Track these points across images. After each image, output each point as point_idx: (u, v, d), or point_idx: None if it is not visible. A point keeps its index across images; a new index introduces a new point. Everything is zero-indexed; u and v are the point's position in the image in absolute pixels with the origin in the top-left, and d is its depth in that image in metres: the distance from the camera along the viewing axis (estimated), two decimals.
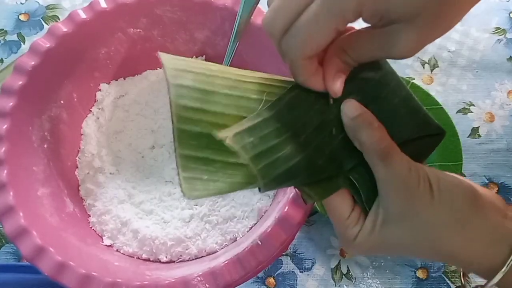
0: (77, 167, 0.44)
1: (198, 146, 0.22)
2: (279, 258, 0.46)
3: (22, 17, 0.58)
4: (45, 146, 0.40)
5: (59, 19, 0.58)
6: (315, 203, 0.43)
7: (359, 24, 0.24)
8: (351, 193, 0.27)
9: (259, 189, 0.24)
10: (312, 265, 0.46)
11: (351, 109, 0.25)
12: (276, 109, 0.25)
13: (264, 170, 0.23)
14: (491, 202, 0.26)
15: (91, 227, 0.42)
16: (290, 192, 0.34)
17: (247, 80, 0.25)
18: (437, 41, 0.56)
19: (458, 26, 0.57)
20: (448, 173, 0.26)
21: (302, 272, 0.45)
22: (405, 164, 0.25)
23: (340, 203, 0.27)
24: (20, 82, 0.37)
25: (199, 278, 0.31)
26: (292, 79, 0.25)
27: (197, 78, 0.23)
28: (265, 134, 0.24)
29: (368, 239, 0.26)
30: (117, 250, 0.40)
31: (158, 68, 0.49)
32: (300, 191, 0.26)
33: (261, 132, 0.24)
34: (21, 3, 0.59)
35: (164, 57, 0.23)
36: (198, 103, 0.22)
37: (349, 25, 0.23)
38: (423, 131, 0.27)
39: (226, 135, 0.22)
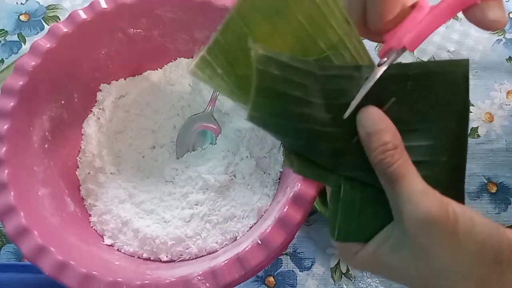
0: (78, 167, 0.44)
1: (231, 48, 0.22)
2: (279, 257, 0.46)
3: (22, 18, 0.58)
4: (46, 146, 0.40)
5: (59, 19, 0.58)
6: (316, 203, 0.44)
7: None
8: None
9: (247, 118, 0.22)
10: (312, 264, 0.46)
11: (368, 122, 0.23)
12: (326, 74, 0.23)
13: (261, 107, 0.22)
14: None
15: (92, 227, 0.42)
16: (290, 192, 0.34)
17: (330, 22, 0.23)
18: (437, 41, 0.57)
19: (457, 26, 0.57)
20: (481, 216, 0.22)
21: (302, 271, 0.46)
22: (422, 191, 0.22)
23: None
24: (21, 82, 0.37)
25: (199, 277, 0.31)
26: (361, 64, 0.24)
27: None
28: (293, 82, 0.22)
29: (368, 260, 0.24)
30: (117, 249, 0.40)
31: (158, 69, 0.49)
32: (286, 153, 0.24)
33: (294, 77, 0.22)
34: (21, 4, 0.59)
35: None
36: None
37: None
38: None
39: (258, 50, 0.21)
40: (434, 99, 0.24)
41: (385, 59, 0.24)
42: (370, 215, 0.24)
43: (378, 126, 0.23)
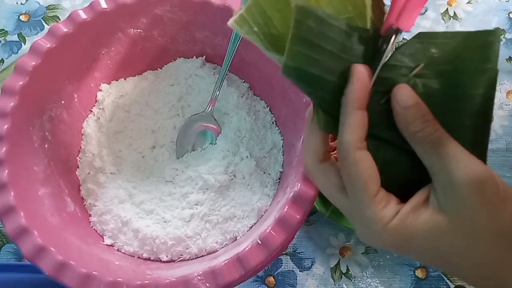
0: (78, 167, 0.44)
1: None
2: (279, 257, 0.46)
3: (22, 18, 0.58)
4: (46, 146, 0.40)
5: (59, 19, 0.58)
6: (316, 203, 0.44)
7: None
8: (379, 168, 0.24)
9: (281, 72, 0.23)
10: (312, 264, 0.46)
11: (404, 97, 0.23)
12: (356, 34, 0.24)
13: (296, 56, 0.23)
14: None
15: (91, 227, 0.42)
16: (290, 192, 0.34)
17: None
18: None
19: (457, 26, 0.57)
20: None
21: (301, 271, 0.46)
22: (470, 154, 0.22)
23: (368, 177, 0.23)
24: (21, 83, 0.37)
25: (199, 277, 0.31)
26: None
27: None
28: (327, 37, 0.23)
29: (406, 227, 0.22)
30: (117, 249, 0.40)
31: (158, 69, 0.49)
32: (314, 109, 0.25)
33: (328, 32, 0.23)
34: (21, 4, 0.59)
35: None
36: None
37: None
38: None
39: (298, 1, 0.23)
40: (461, 64, 0.25)
41: (384, 45, 0.25)
42: (391, 178, 0.25)
43: (415, 100, 0.23)
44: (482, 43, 0.25)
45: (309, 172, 0.26)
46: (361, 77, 0.23)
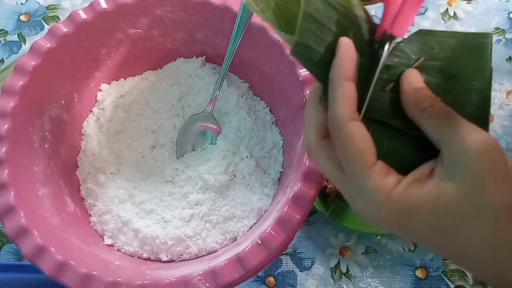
0: (78, 167, 0.44)
1: None
2: (279, 257, 0.46)
3: (22, 18, 0.58)
4: (46, 146, 0.40)
5: (59, 19, 0.58)
6: (316, 203, 0.44)
7: None
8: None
9: (291, 51, 0.24)
10: (312, 264, 0.46)
11: (415, 78, 0.25)
12: (357, 22, 0.25)
13: (305, 33, 0.24)
14: None
15: (91, 227, 0.42)
16: (290, 192, 0.34)
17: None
18: None
19: (457, 26, 0.57)
20: None
21: (301, 271, 0.46)
22: (476, 127, 0.22)
23: (365, 147, 0.23)
24: (21, 82, 0.37)
25: (199, 277, 0.31)
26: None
27: None
28: (332, 19, 0.24)
29: (411, 195, 0.22)
30: (117, 249, 0.40)
31: (158, 69, 0.49)
32: (323, 91, 0.25)
33: (333, 15, 0.24)
34: (21, 4, 0.59)
35: None
36: None
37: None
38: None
39: None
40: (458, 61, 0.26)
41: (381, 50, 0.25)
42: (394, 163, 0.25)
43: (423, 84, 0.25)
44: (477, 44, 0.26)
45: (310, 149, 0.26)
46: (346, 48, 0.23)
